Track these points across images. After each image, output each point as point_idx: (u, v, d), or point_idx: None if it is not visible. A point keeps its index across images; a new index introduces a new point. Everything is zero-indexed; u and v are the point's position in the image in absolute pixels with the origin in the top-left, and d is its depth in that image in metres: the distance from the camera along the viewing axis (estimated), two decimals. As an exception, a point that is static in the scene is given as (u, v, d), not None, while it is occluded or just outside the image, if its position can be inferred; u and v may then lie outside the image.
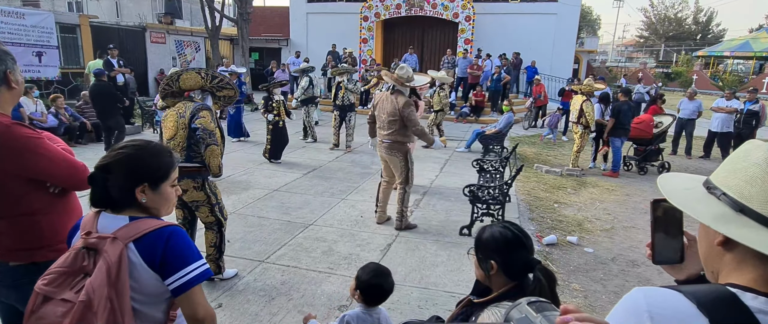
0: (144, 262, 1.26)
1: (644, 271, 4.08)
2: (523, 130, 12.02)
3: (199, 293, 1.33)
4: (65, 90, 11.97)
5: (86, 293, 1.16)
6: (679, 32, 41.08)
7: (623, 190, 6.68)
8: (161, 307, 1.36)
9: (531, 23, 16.12)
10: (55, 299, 1.18)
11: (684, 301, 0.73)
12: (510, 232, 1.50)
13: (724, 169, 0.83)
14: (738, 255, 0.77)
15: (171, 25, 16.82)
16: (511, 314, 0.55)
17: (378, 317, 2.08)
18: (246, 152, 8.21)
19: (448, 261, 3.97)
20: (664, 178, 0.92)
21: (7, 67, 1.61)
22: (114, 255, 1.21)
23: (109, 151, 1.36)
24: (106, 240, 1.24)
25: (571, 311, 0.53)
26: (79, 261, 1.23)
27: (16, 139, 1.57)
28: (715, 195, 0.80)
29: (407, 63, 14.51)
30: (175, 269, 1.28)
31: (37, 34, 11.60)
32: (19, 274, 1.70)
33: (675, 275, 1.03)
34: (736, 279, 0.77)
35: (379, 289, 2.04)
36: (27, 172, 1.61)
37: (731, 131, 8.86)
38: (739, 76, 27.53)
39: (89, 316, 1.15)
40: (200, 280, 1.31)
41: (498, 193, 4.62)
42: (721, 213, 0.77)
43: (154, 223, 1.31)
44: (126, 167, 1.32)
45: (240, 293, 3.33)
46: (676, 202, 0.83)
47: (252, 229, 4.58)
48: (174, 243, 1.29)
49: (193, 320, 1.34)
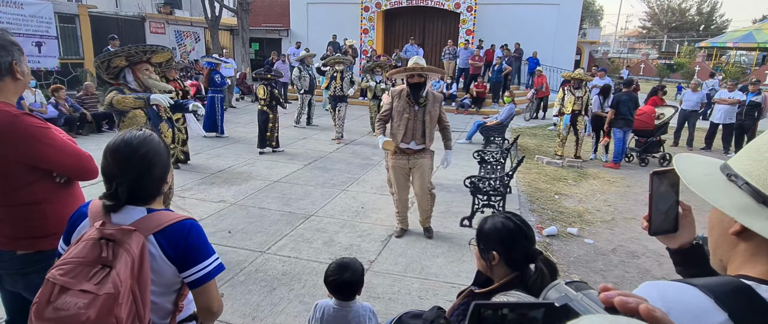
0: (164, 255, 1.28)
1: (644, 262, 4.09)
2: (524, 122, 11.99)
3: (214, 287, 1.36)
4: (65, 80, 11.93)
5: (114, 285, 1.16)
6: (682, 23, 40.79)
7: (624, 182, 6.68)
8: (171, 297, 1.38)
9: (533, 14, 15.98)
10: (74, 290, 1.16)
11: (699, 295, 0.71)
12: (512, 222, 1.50)
13: (746, 156, 0.79)
14: (752, 246, 0.76)
15: (170, 15, 16.71)
16: (549, 294, 0.55)
17: (349, 312, 2.03)
18: (244, 144, 8.20)
19: (448, 252, 3.98)
20: (681, 160, 0.89)
21: (13, 57, 1.64)
22: (136, 247, 1.22)
23: (128, 159, 1.29)
24: (126, 232, 1.24)
25: (610, 289, 0.52)
26: (96, 251, 1.21)
27: (23, 129, 1.59)
28: (737, 184, 0.77)
29: (408, 54, 14.45)
30: (194, 263, 1.31)
31: (36, 24, 11.53)
32: (26, 262, 1.72)
33: (668, 244, 1.04)
34: (749, 271, 0.75)
35: (343, 283, 2.00)
36: (34, 161, 1.64)
37: (734, 122, 8.83)
38: (742, 68, 27.36)
39: (115, 308, 1.15)
40: (216, 273, 1.35)
41: (499, 185, 4.62)
42: (743, 203, 0.74)
43: (174, 216, 1.33)
44: (156, 169, 1.33)
45: (241, 284, 3.35)
46: (697, 189, 0.80)
47: (253, 220, 4.59)
48: (194, 237, 1.32)
49: (207, 312, 1.37)
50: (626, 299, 0.50)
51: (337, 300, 2.05)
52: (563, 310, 0.51)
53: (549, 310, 0.51)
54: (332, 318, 2.03)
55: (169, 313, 1.38)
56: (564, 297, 0.53)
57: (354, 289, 2.03)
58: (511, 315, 0.50)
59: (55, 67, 12.00)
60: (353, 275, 2.01)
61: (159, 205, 1.38)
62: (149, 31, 15.33)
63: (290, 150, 7.74)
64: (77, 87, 10.31)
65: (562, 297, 0.53)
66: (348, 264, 2.03)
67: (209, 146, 7.74)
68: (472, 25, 15.61)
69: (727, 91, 9.09)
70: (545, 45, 15.72)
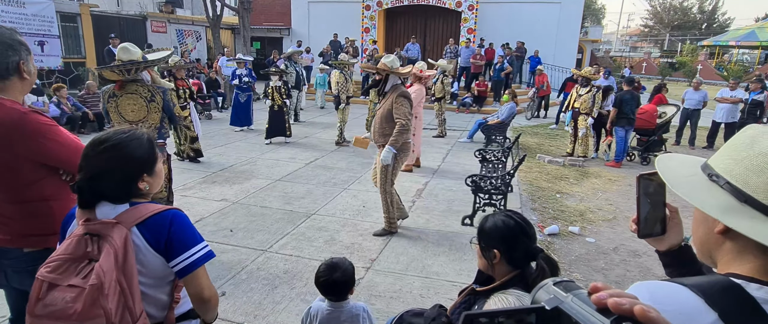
0: (148, 245, 1.29)
1: (646, 261, 4.09)
2: (525, 121, 11.98)
3: (203, 274, 1.36)
4: (67, 80, 11.95)
5: (97, 276, 1.17)
6: (684, 21, 40.65)
7: (626, 181, 6.67)
8: (166, 289, 1.39)
9: (534, 12, 15.95)
10: (62, 286, 1.19)
11: (690, 295, 0.71)
12: (513, 220, 1.50)
13: (726, 155, 0.80)
14: (739, 244, 0.76)
15: (172, 13, 16.73)
16: (538, 296, 0.53)
17: (341, 312, 2.01)
18: (248, 142, 8.21)
19: (449, 251, 3.99)
20: (663, 162, 0.90)
21: (20, 57, 1.66)
22: (119, 239, 1.23)
23: (90, 156, 1.29)
24: (109, 225, 1.25)
25: (600, 289, 0.51)
26: (82, 247, 1.23)
27: (32, 126, 1.63)
28: (718, 183, 0.77)
29: (409, 52, 14.43)
30: (180, 251, 1.31)
31: (38, 23, 11.55)
32: (35, 259, 1.73)
33: (657, 246, 1.04)
34: (737, 269, 0.76)
35: (333, 284, 1.98)
36: (42, 157, 1.66)
37: (736, 121, 8.81)
38: (744, 66, 27.27)
39: (100, 299, 1.17)
40: (204, 261, 1.35)
41: (500, 183, 4.62)
42: (726, 203, 0.75)
43: (156, 207, 1.33)
44: (122, 169, 1.31)
45: (243, 282, 3.36)
46: (680, 191, 0.81)
47: (255, 218, 4.60)
48: (178, 226, 1.32)
49: (199, 300, 1.37)
50: (620, 301, 0.48)
51: (330, 301, 2.04)
52: (554, 313, 0.50)
53: (540, 314, 0.50)
54: (326, 319, 2.02)
55: (165, 305, 1.39)
56: (554, 299, 0.51)
57: (345, 288, 2.01)
58: (508, 322, 0.48)
59: (58, 66, 12.03)
60: (343, 275, 1.98)
61: (144, 198, 1.38)
62: (150, 30, 15.36)
63: (291, 148, 7.75)
64: (79, 86, 10.33)
65: (552, 299, 0.51)
66: (337, 264, 2.01)
67: (211, 145, 7.76)
68: (474, 23, 15.59)
69: (728, 90, 9.06)
70: (547, 44, 15.70)
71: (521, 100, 12.15)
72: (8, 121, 1.59)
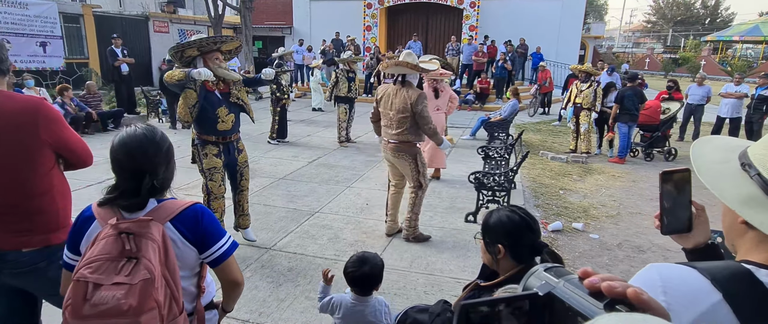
0: (184, 239, 1.34)
1: (650, 256, 4.08)
2: (528, 117, 11.95)
3: (234, 261, 1.48)
4: (70, 80, 12.00)
5: (147, 270, 1.21)
6: (687, 17, 40.46)
7: (629, 177, 6.65)
8: (194, 280, 1.45)
9: (536, 9, 15.89)
10: (107, 285, 1.19)
11: (698, 277, 0.72)
12: (517, 215, 1.50)
13: (764, 146, 0.77)
14: (760, 234, 0.75)
15: (174, 13, 16.74)
16: (530, 282, 0.53)
17: (366, 307, 2.03)
18: (250, 142, 8.22)
19: (453, 247, 3.99)
20: (699, 146, 0.86)
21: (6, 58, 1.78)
22: (158, 235, 1.27)
23: (142, 155, 1.33)
24: (145, 222, 1.28)
25: (590, 273, 0.51)
26: (119, 246, 1.24)
27: (52, 113, 1.72)
28: (749, 174, 0.75)
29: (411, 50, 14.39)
30: (213, 242, 1.39)
31: (41, 24, 11.59)
32: (37, 257, 1.74)
33: (683, 244, 1.03)
34: (754, 257, 0.76)
35: (362, 276, 2.01)
36: (61, 143, 1.73)
37: (740, 117, 8.75)
38: (748, 61, 27.11)
39: (152, 292, 1.20)
40: (233, 249, 1.46)
41: (503, 180, 4.62)
42: (750, 195, 0.73)
43: (182, 203, 1.38)
44: (168, 164, 1.40)
45: (248, 280, 3.37)
46: (704, 178, 0.79)
47: (259, 217, 4.61)
48: (208, 219, 1.40)
49: (233, 284, 1.51)
50: (613, 284, 0.48)
51: (355, 294, 2.06)
52: (547, 299, 0.50)
53: (533, 300, 0.49)
54: (350, 312, 2.04)
55: (194, 296, 1.46)
56: (546, 285, 0.51)
57: (372, 282, 2.04)
58: (507, 310, 0.48)
59: (60, 66, 12.07)
60: (372, 269, 2.02)
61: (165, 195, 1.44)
62: (153, 30, 15.37)
63: (294, 147, 7.76)
64: (82, 86, 10.36)
65: (544, 285, 0.51)
66: (367, 258, 2.05)
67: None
68: (476, 20, 15.55)
69: (733, 85, 9.01)
70: (549, 40, 15.65)
71: (523, 97, 12.12)
72: (31, 106, 1.66)
